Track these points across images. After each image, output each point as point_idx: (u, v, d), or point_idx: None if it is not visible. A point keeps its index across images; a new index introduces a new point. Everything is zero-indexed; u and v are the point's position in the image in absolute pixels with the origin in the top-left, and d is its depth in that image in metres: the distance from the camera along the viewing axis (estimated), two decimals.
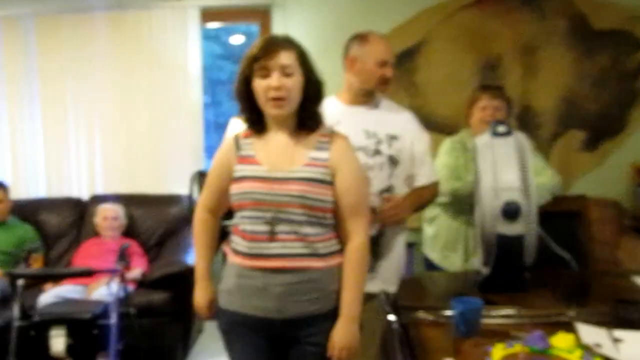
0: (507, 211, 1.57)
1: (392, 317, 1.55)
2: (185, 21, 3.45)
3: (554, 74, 3.37)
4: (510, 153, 1.64)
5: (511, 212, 1.57)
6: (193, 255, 2.98)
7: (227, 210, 1.57)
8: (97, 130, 3.57)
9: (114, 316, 2.40)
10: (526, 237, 1.60)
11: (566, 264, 1.89)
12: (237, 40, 5.00)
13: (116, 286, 2.46)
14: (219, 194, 1.55)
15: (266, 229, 1.41)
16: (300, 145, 1.47)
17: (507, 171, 1.62)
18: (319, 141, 1.48)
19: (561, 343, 1.20)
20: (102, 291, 2.69)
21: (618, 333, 1.30)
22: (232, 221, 1.52)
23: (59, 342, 2.37)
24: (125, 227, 3.28)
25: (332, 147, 1.47)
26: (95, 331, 2.40)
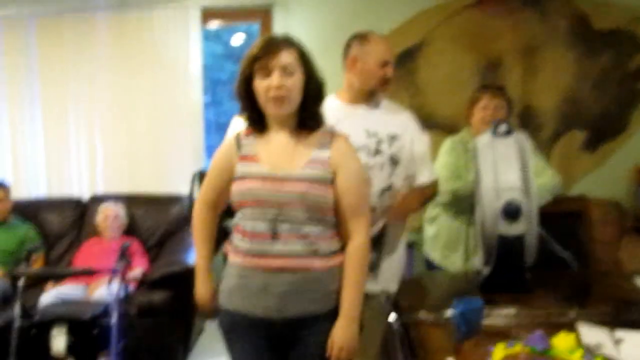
0: (507, 211, 1.57)
1: (393, 317, 1.55)
2: (186, 21, 3.45)
3: (554, 74, 3.37)
4: (511, 153, 1.64)
5: (512, 212, 1.57)
6: (194, 255, 3.02)
7: (227, 210, 1.57)
8: (97, 130, 3.57)
9: (115, 316, 2.40)
10: (527, 237, 1.60)
11: (567, 264, 1.89)
12: (238, 40, 5.00)
13: (117, 286, 2.46)
14: (219, 190, 1.56)
15: (268, 228, 1.41)
16: (301, 144, 1.47)
17: (508, 171, 1.62)
18: (320, 141, 1.48)
19: (562, 343, 1.20)
20: (103, 291, 2.69)
21: (619, 333, 1.30)
22: (233, 221, 1.52)
23: (59, 342, 2.37)
24: (126, 227, 3.28)
25: (333, 147, 1.47)
26: (96, 331, 2.40)
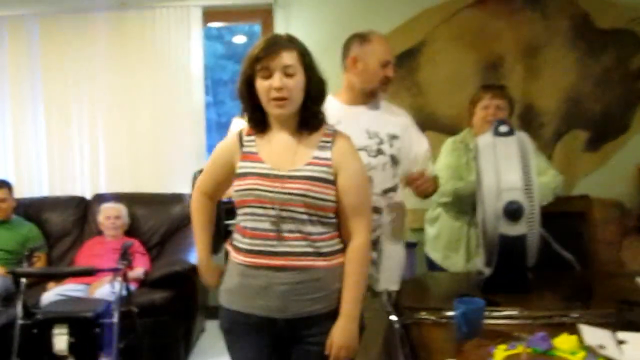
0: (509, 211, 1.57)
1: (394, 318, 1.55)
2: (188, 21, 3.45)
3: (556, 74, 3.36)
4: (513, 153, 1.64)
5: (513, 212, 1.57)
6: (195, 255, 3.02)
7: (229, 210, 1.57)
8: (99, 129, 3.58)
9: (116, 315, 2.40)
10: (528, 238, 1.60)
11: (569, 264, 1.89)
12: (239, 39, 5.00)
13: (118, 285, 2.46)
14: (218, 181, 1.57)
15: (272, 227, 1.41)
16: (303, 144, 1.47)
17: (509, 171, 1.61)
18: (321, 140, 1.48)
19: (564, 344, 1.20)
20: (105, 290, 2.69)
21: (621, 334, 1.30)
22: (234, 220, 1.52)
23: (61, 341, 2.38)
24: (128, 226, 3.29)
25: (334, 147, 1.47)
26: (98, 330, 2.40)
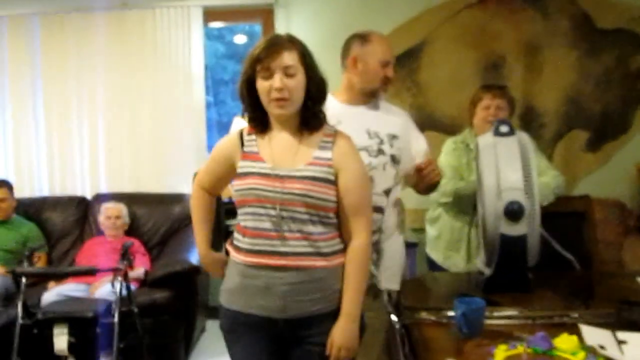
0: (509, 211, 1.57)
1: (394, 318, 1.55)
2: (189, 21, 3.45)
3: (557, 74, 3.36)
4: (513, 153, 1.64)
5: (514, 212, 1.56)
6: (196, 254, 3.03)
7: (229, 210, 1.57)
8: (100, 129, 3.58)
9: (117, 315, 2.40)
10: (529, 238, 1.60)
11: (569, 264, 1.89)
12: (240, 39, 5.01)
13: (119, 285, 2.46)
14: (216, 178, 1.59)
15: (273, 226, 1.41)
16: (304, 144, 1.47)
17: (510, 171, 1.61)
18: (322, 140, 1.48)
19: (565, 344, 1.20)
20: (105, 290, 2.70)
21: (622, 335, 1.30)
22: (234, 220, 1.52)
23: (61, 340, 2.38)
24: (128, 226, 3.29)
25: (335, 147, 1.47)
26: (98, 329, 2.41)
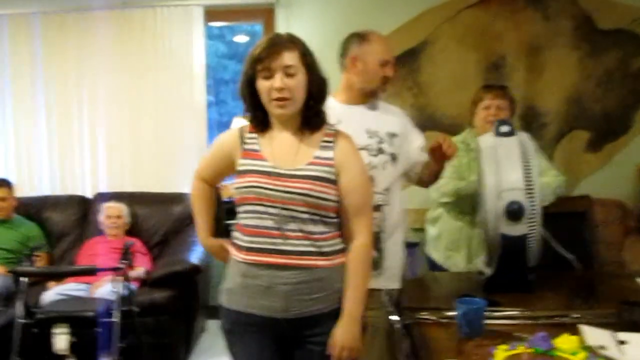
0: (510, 211, 1.57)
1: (395, 318, 1.55)
2: (190, 20, 3.45)
3: (558, 74, 3.36)
4: (514, 153, 1.64)
5: (514, 212, 1.56)
6: (196, 254, 3.03)
7: (229, 210, 1.57)
8: (101, 128, 3.58)
9: (117, 314, 2.40)
10: (529, 238, 1.60)
11: (570, 265, 1.88)
12: (241, 39, 5.01)
13: (119, 284, 2.46)
14: (215, 172, 1.60)
15: (275, 225, 1.41)
16: (305, 144, 1.47)
17: (511, 171, 1.61)
18: (323, 140, 1.48)
19: (565, 344, 1.19)
20: (105, 289, 2.70)
21: (622, 335, 1.30)
22: (235, 220, 1.52)
23: (62, 340, 2.38)
24: (129, 226, 3.29)
25: (336, 147, 1.47)
26: (98, 329, 2.41)
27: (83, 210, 3.47)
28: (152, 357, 2.71)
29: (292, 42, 1.45)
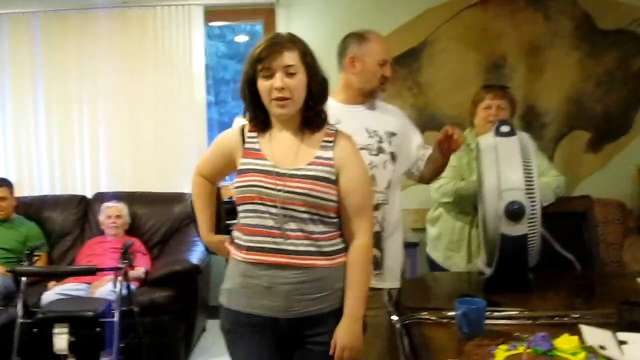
0: (510, 211, 1.57)
1: (395, 318, 1.55)
2: (190, 20, 3.46)
3: (558, 74, 3.36)
4: (514, 153, 1.64)
5: (514, 212, 1.56)
6: (196, 254, 3.03)
7: (230, 210, 1.57)
8: (101, 127, 3.58)
9: (117, 314, 2.40)
10: (529, 238, 1.60)
11: (570, 265, 1.88)
12: (241, 39, 5.00)
13: (119, 284, 2.46)
14: (215, 170, 1.61)
15: (275, 225, 1.41)
16: (305, 143, 1.47)
17: (511, 171, 1.61)
18: (323, 140, 1.48)
19: (565, 344, 1.19)
20: (105, 289, 2.70)
21: (622, 335, 1.29)
22: (235, 220, 1.52)
23: (62, 340, 2.38)
24: (129, 225, 3.29)
25: (336, 147, 1.47)
26: (98, 329, 2.41)
27: (83, 210, 3.47)
28: (152, 357, 2.71)
29: (293, 41, 1.45)
